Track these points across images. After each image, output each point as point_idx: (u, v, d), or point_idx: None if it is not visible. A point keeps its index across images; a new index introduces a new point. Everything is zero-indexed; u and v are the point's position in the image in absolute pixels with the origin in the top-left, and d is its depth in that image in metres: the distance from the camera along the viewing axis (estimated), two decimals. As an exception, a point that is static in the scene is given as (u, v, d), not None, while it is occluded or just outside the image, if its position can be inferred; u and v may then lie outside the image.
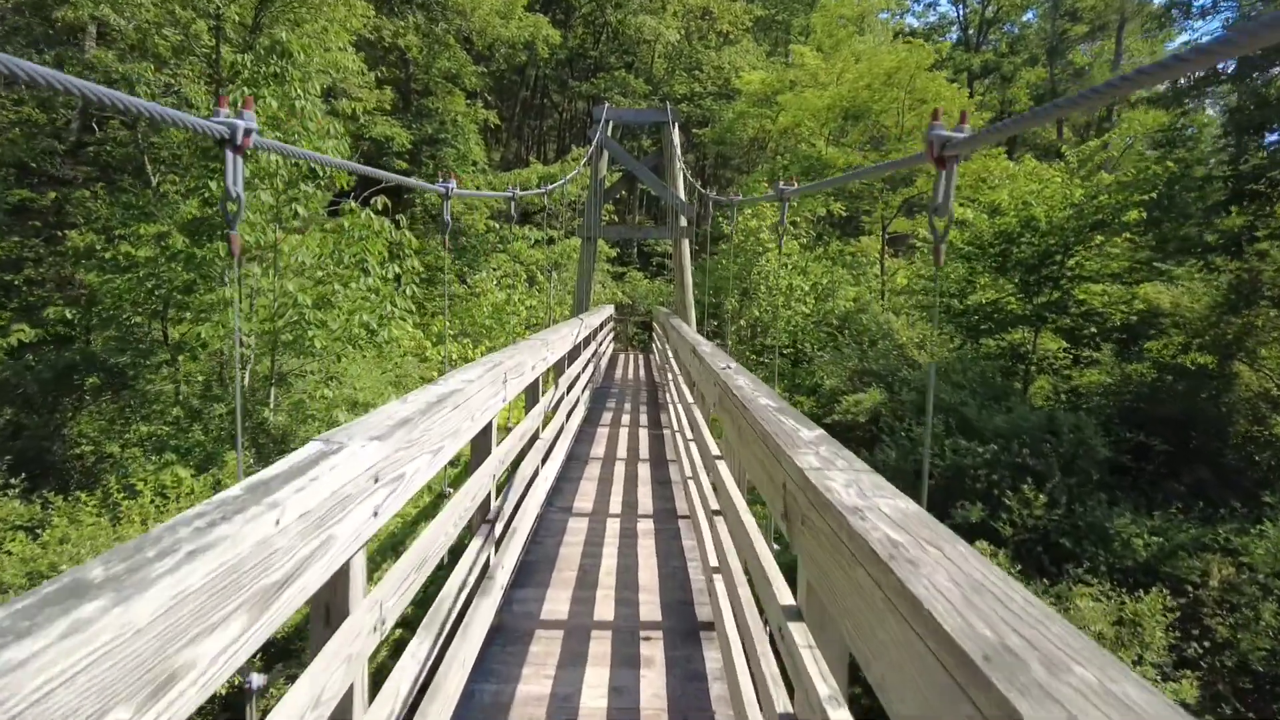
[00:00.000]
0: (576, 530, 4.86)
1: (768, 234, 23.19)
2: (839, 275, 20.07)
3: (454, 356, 20.03)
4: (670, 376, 7.70)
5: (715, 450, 3.82)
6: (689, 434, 5.54)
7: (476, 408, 2.61)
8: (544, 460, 4.72)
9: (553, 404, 5.44)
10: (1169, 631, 6.88)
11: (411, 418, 1.81)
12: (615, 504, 5.44)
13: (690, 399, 5.90)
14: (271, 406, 9.86)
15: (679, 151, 15.24)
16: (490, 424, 3.06)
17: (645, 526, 4.99)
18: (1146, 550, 7.71)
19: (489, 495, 3.26)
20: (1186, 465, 10.39)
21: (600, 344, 11.18)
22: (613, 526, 4.95)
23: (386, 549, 7.82)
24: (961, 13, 43.44)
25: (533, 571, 4.17)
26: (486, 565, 3.20)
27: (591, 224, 14.83)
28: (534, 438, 4.39)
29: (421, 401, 2.06)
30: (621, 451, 7.07)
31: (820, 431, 1.87)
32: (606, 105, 15.37)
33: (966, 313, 15.01)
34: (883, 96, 19.74)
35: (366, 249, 9.18)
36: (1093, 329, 13.87)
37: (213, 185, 8.49)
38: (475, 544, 3.05)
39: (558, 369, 5.85)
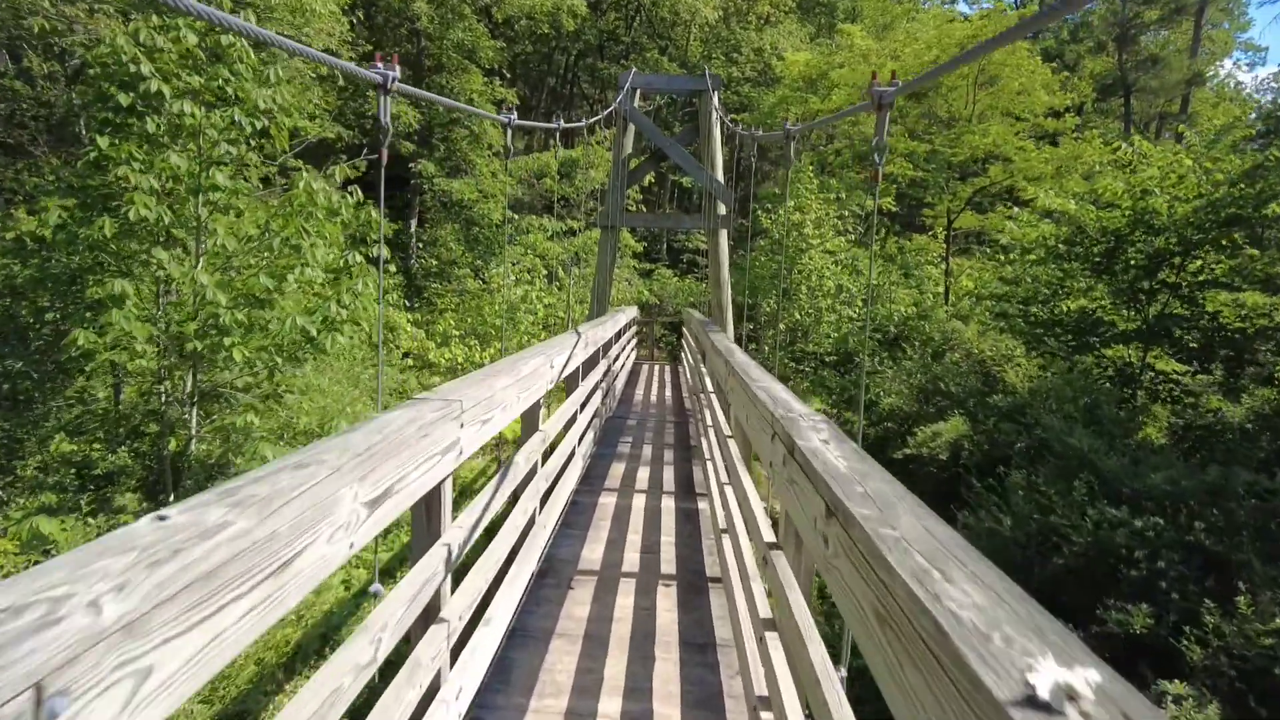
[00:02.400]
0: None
1: (812, 228, 20.77)
2: (895, 276, 17.55)
3: (459, 360, 17.93)
4: (706, 414, 5.45)
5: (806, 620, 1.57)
6: (738, 521, 3.30)
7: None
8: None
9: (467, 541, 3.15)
10: None
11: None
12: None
13: (736, 457, 3.64)
14: (194, 433, 7.73)
15: (719, 126, 12.89)
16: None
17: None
18: None
19: None
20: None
21: (617, 358, 8.95)
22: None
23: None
24: (1020, -4, 40.40)
25: None
26: None
27: (613, 210, 12.55)
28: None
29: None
30: (631, 556, 4.35)
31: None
32: (633, 71, 13.05)
33: (1056, 323, 12.44)
34: (950, 74, 17.14)
35: (304, 229, 6.99)
36: (1226, 348, 11.24)
37: (101, 142, 6.36)
38: None
39: (528, 422, 3.58)
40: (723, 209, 12.73)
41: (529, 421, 3.61)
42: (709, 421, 5.09)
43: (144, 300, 6.80)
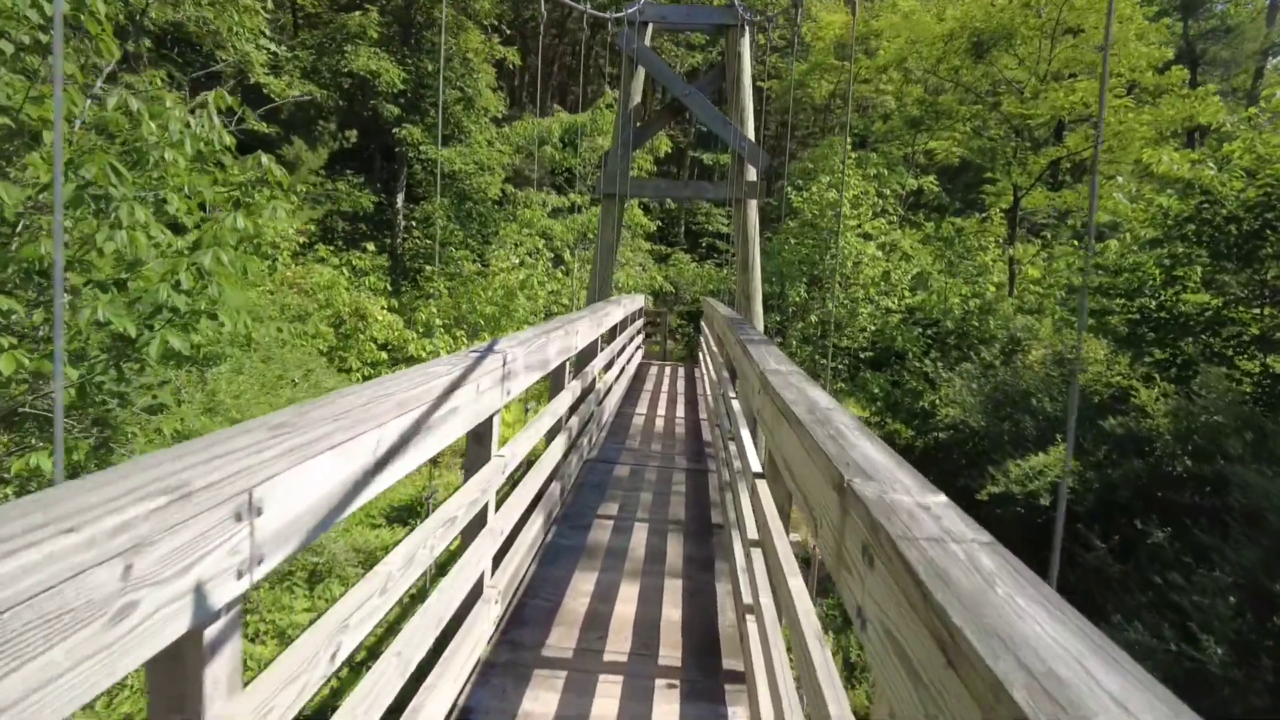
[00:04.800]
0: None
1: (848, 207, 18.17)
2: (959, 265, 14.92)
3: (443, 353, 15.56)
4: (744, 497, 3.04)
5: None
6: None
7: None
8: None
9: None
10: None
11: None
12: None
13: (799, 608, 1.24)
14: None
15: (749, 73, 10.36)
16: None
17: None
18: None
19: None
20: None
21: (610, 364, 6.52)
22: None
23: None
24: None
25: None
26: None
27: (616, 174, 10.08)
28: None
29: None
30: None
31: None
32: (642, 1, 10.49)
33: (1179, 323, 9.81)
34: (1023, 21, 14.40)
35: (113, 167, 4.58)
36: None
37: None
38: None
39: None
40: (753, 174, 10.21)
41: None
42: (747, 515, 2.66)
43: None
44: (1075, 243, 13.58)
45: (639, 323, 10.64)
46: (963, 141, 15.01)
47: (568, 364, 3.72)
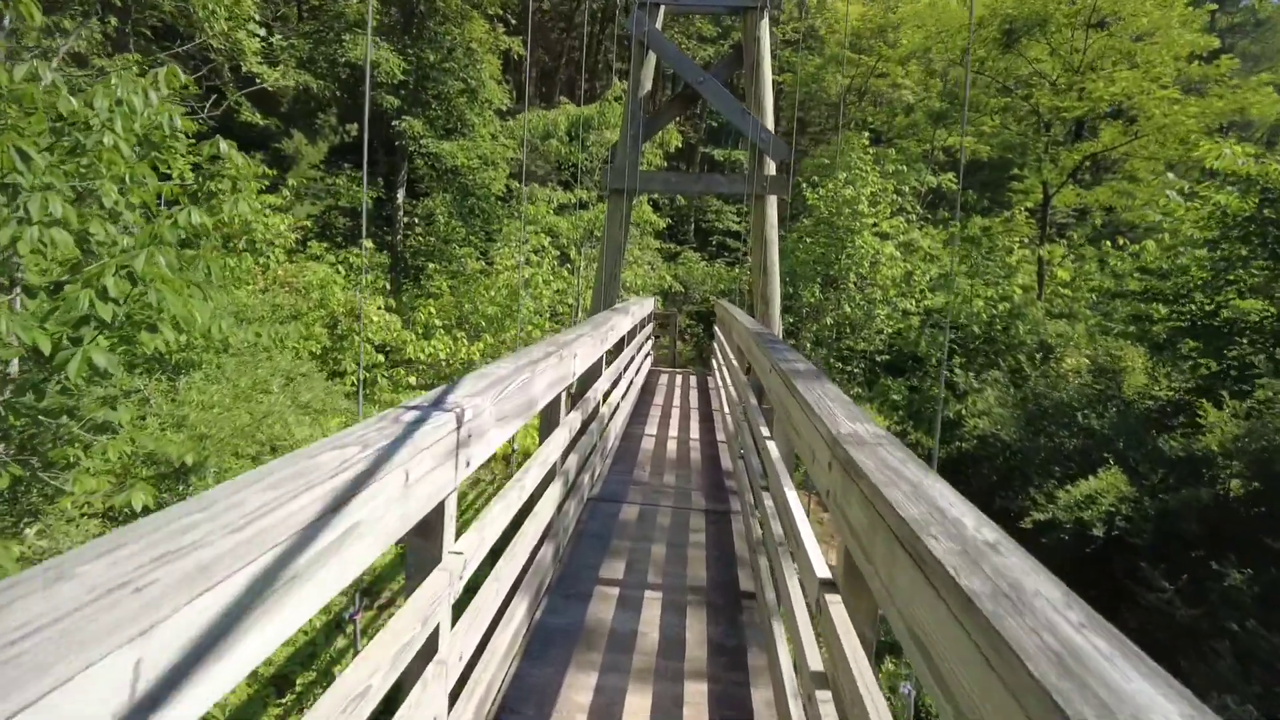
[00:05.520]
0: None
1: (866, 205, 17.37)
2: (976, 263, 14.10)
3: (442, 356, 14.87)
4: (768, 520, 2.32)
5: None
6: None
7: None
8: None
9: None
10: None
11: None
12: None
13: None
14: None
15: (768, 59, 9.62)
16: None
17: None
18: None
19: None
20: None
21: (617, 381, 5.80)
22: None
23: None
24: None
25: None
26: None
27: (624, 166, 9.35)
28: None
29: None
30: None
31: None
32: (655, -20, 9.72)
33: (1221, 330, 8.98)
34: (1057, 8, 13.57)
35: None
36: None
37: None
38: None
39: None
40: (773, 167, 9.46)
41: None
42: (807, 643, 1.93)
43: None
44: (1120, 239, 12.72)
45: (649, 328, 9.91)
46: (990, 135, 14.16)
47: (564, 396, 2.99)
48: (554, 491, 2.90)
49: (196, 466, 6.45)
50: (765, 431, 3.22)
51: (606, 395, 4.83)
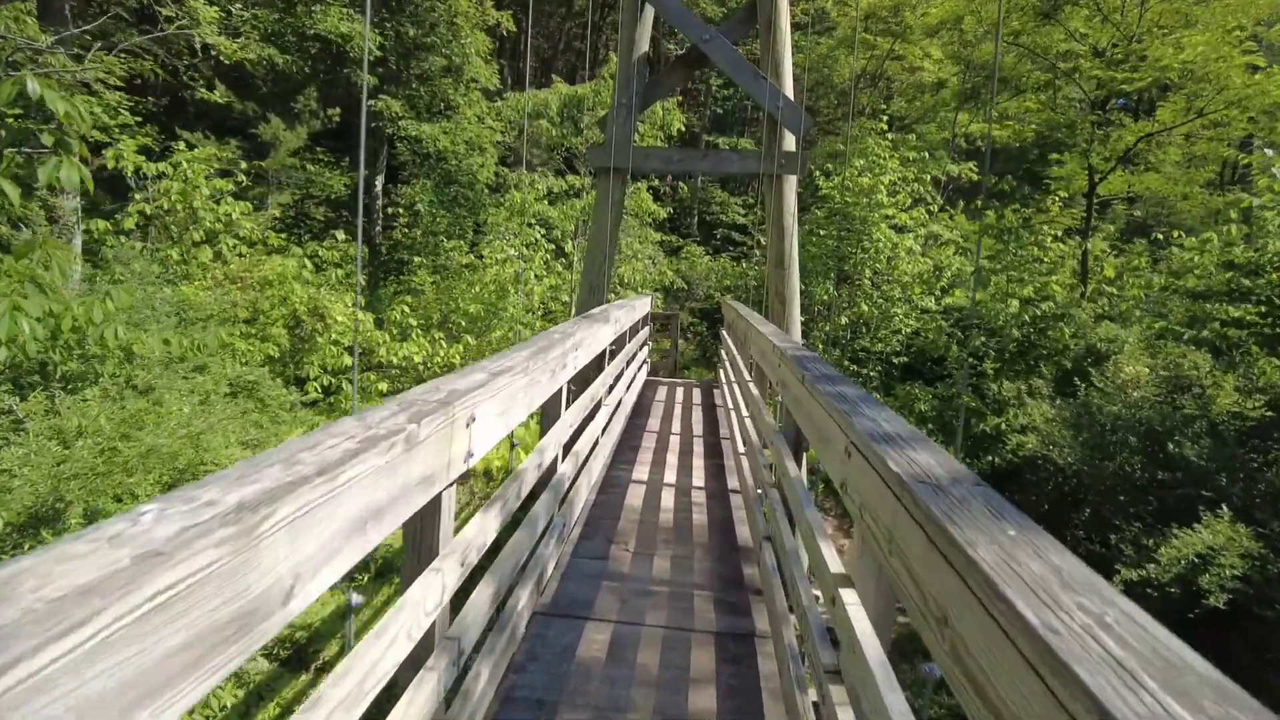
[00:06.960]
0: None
1: (884, 194, 15.88)
2: (1017, 261, 12.57)
3: (416, 360, 13.39)
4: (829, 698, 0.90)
5: None
6: None
7: None
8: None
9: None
10: None
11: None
12: None
13: None
14: None
15: (786, 17, 8.11)
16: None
17: None
18: None
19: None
20: None
21: (597, 409, 4.32)
22: None
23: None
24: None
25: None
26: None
27: (616, 141, 7.86)
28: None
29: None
30: None
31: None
32: (654, -81, 8.17)
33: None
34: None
35: None
36: None
37: None
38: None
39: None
40: (791, 142, 7.96)
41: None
42: None
43: None
44: (1175, 233, 11.19)
45: (644, 333, 8.42)
46: (1031, 115, 12.61)
47: (446, 495, 1.54)
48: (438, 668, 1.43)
49: (46, 515, 4.98)
50: (833, 561, 1.73)
51: (569, 446, 3.35)
